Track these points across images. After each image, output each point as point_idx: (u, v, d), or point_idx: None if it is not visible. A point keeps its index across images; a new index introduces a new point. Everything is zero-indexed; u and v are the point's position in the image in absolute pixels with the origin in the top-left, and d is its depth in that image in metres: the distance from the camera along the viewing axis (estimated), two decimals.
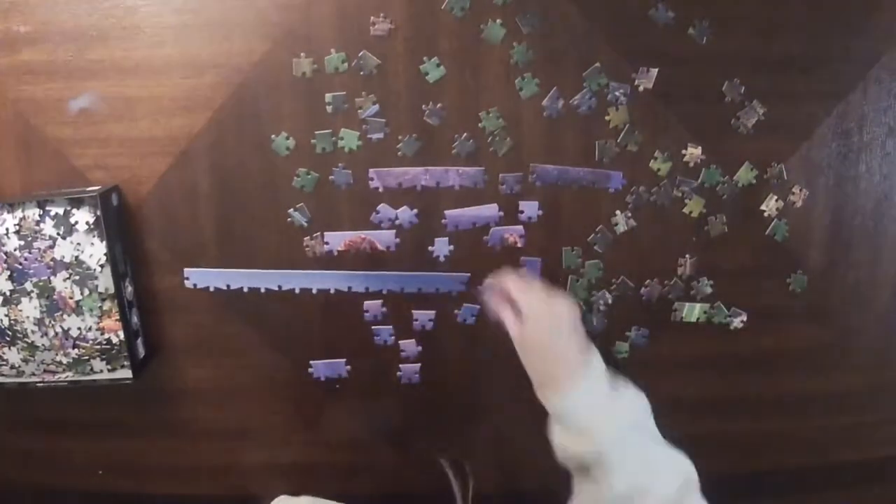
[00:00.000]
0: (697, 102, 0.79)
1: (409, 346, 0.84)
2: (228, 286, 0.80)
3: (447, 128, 0.78)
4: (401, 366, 0.84)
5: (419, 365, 0.84)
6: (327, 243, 0.80)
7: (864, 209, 0.83)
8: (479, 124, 0.78)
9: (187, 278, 0.80)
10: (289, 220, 0.79)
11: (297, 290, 0.81)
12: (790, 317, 0.85)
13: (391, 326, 0.83)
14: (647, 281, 0.83)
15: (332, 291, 0.81)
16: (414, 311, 0.83)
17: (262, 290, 0.81)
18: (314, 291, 0.81)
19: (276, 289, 0.81)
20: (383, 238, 0.80)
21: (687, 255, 0.83)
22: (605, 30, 0.76)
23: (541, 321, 0.65)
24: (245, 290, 0.81)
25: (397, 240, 0.80)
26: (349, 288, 0.81)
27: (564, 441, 0.63)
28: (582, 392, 0.62)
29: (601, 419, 0.62)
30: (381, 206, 0.79)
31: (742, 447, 0.89)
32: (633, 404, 0.64)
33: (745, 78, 0.78)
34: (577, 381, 0.63)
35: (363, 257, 0.80)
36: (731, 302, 0.84)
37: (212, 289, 0.80)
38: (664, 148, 0.80)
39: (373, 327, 0.83)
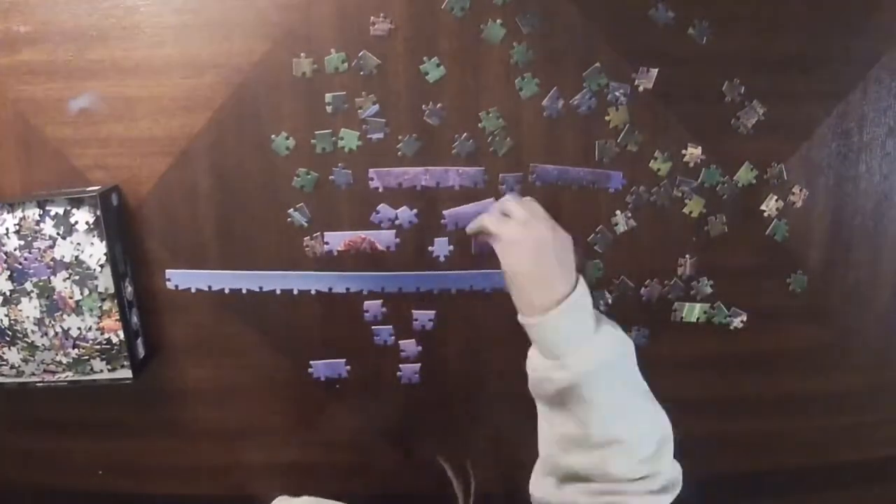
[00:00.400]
0: (697, 102, 0.79)
1: (409, 346, 0.84)
2: (210, 287, 0.80)
3: (447, 128, 0.78)
4: (401, 366, 0.84)
5: (419, 365, 0.84)
6: (327, 243, 0.80)
7: (864, 209, 0.82)
8: (479, 124, 0.78)
9: (168, 280, 0.80)
10: (289, 220, 0.79)
11: (295, 292, 0.81)
12: (790, 317, 0.85)
13: (391, 326, 0.83)
14: (647, 281, 0.83)
15: (330, 291, 0.81)
16: (414, 311, 0.83)
17: (244, 291, 0.81)
18: (313, 292, 0.81)
19: (258, 290, 0.81)
20: (383, 238, 0.80)
21: (687, 255, 0.83)
22: (605, 30, 0.76)
23: (520, 247, 0.63)
24: (244, 291, 0.81)
25: (397, 240, 0.80)
26: (347, 289, 0.81)
27: (538, 364, 0.62)
28: (560, 314, 0.60)
29: (578, 347, 0.60)
30: (381, 206, 0.79)
31: (742, 447, 0.89)
32: (616, 344, 0.62)
33: (745, 78, 0.78)
34: (557, 304, 0.61)
35: (363, 257, 0.80)
36: (731, 302, 0.84)
37: (193, 290, 0.80)
38: (664, 148, 0.80)
39: (373, 327, 0.83)
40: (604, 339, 0.62)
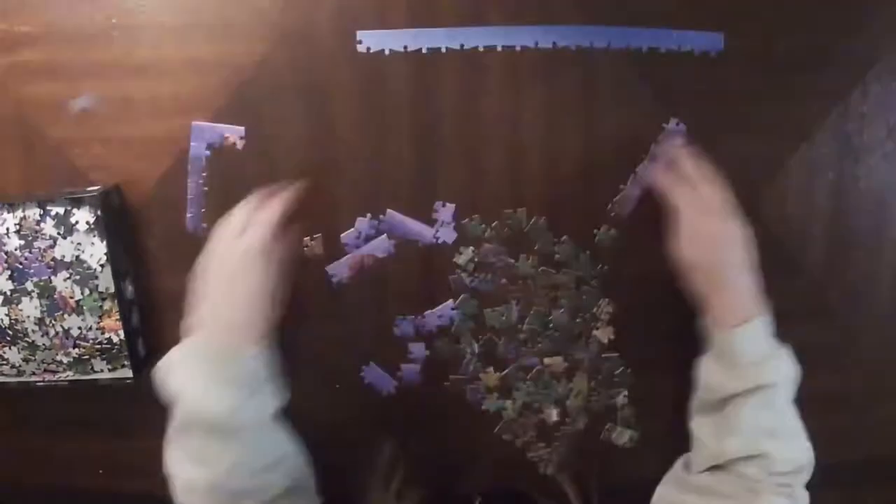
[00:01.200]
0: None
1: (417, 347, 0.83)
2: (406, 48, 0.75)
3: None
4: (402, 365, 0.84)
5: (419, 365, 0.84)
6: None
7: (864, 209, 0.82)
8: None
9: (360, 42, 0.74)
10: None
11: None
12: (790, 317, 0.85)
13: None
14: None
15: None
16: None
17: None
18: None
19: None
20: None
21: None
22: None
23: (710, 240, 0.65)
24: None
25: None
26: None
27: (718, 377, 0.65)
28: (758, 326, 0.64)
29: (768, 359, 0.63)
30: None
31: None
32: (792, 362, 0.66)
33: (745, 77, 0.78)
34: (753, 314, 0.64)
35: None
36: None
37: (387, 52, 0.75)
38: None
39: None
40: (787, 355, 0.66)
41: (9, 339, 0.77)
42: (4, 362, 0.78)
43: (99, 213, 0.73)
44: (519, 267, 0.81)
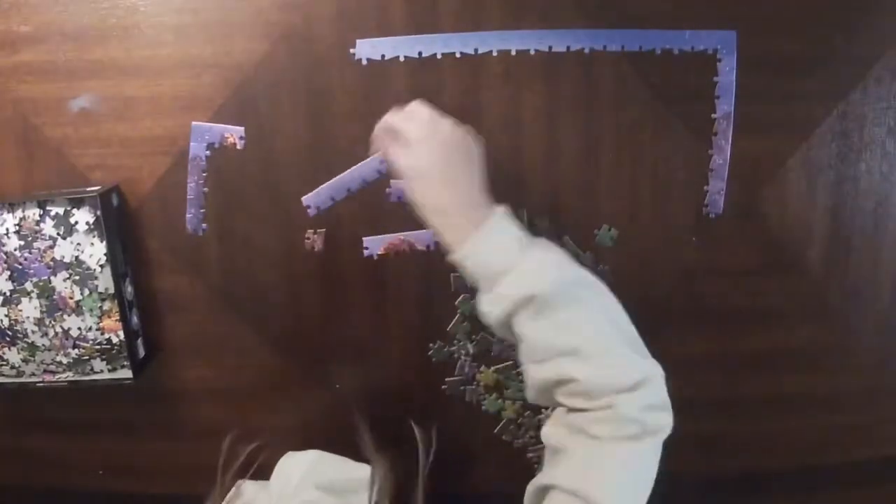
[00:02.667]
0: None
1: None
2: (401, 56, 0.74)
3: None
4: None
5: None
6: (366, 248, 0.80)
7: (864, 209, 0.82)
8: None
9: (353, 54, 0.74)
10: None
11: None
12: (790, 317, 0.85)
13: None
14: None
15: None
16: None
17: None
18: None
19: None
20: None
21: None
22: None
23: (427, 145, 0.59)
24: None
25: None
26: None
27: (484, 305, 0.58)
28: (485, 237, 0.57)
29: (524, 258, 0.56)
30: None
31: (742, 447, 0.89)
32: (552, 260, 0.58)
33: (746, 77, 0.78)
34: (482, 218, 0.57)
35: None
36: (731, 302, 0.84)
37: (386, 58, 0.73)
38: None
39: None
40: (547, 250, 0.58)
41: (8, 339, 0.77)
42: (4, 363, 0.78)
43: (99, 213, 0.73)
44: None
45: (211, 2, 0.74)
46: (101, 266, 0.75)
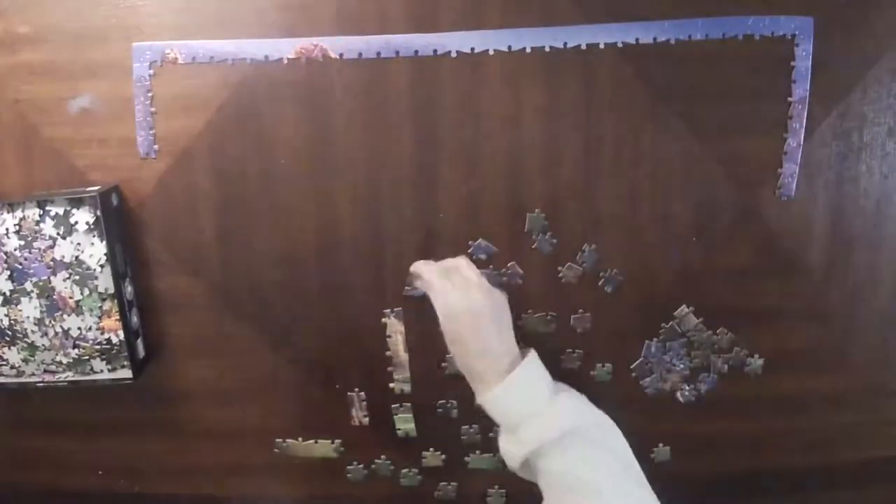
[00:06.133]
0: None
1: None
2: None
3: None
4: None
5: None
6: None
7: (864, 209, 0.82)
8: None
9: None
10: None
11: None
12: (790, 317, 0.85)
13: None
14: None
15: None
16: None
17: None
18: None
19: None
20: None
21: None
22: None
23: (456, 316, 0.63)
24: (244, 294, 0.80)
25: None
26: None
27: (506, 446, 0.62)
28: (511, 386, 0.60)
29: (536, 416, 0.60)
30: None
31: (742, 447, 0.89)
32: (575, 406, 0.62)
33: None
34: (504, 375, 0.60)
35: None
36: (731, 303, 0.84)
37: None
38: None
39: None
40: (564, 403, 0.62)
41: (8, 339, 0.77)
42: (4, 363, 0.78)
43: (98, 213, 0.73)
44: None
45: (211, 2, 0.74)
46: (101, 266, 0.75)
